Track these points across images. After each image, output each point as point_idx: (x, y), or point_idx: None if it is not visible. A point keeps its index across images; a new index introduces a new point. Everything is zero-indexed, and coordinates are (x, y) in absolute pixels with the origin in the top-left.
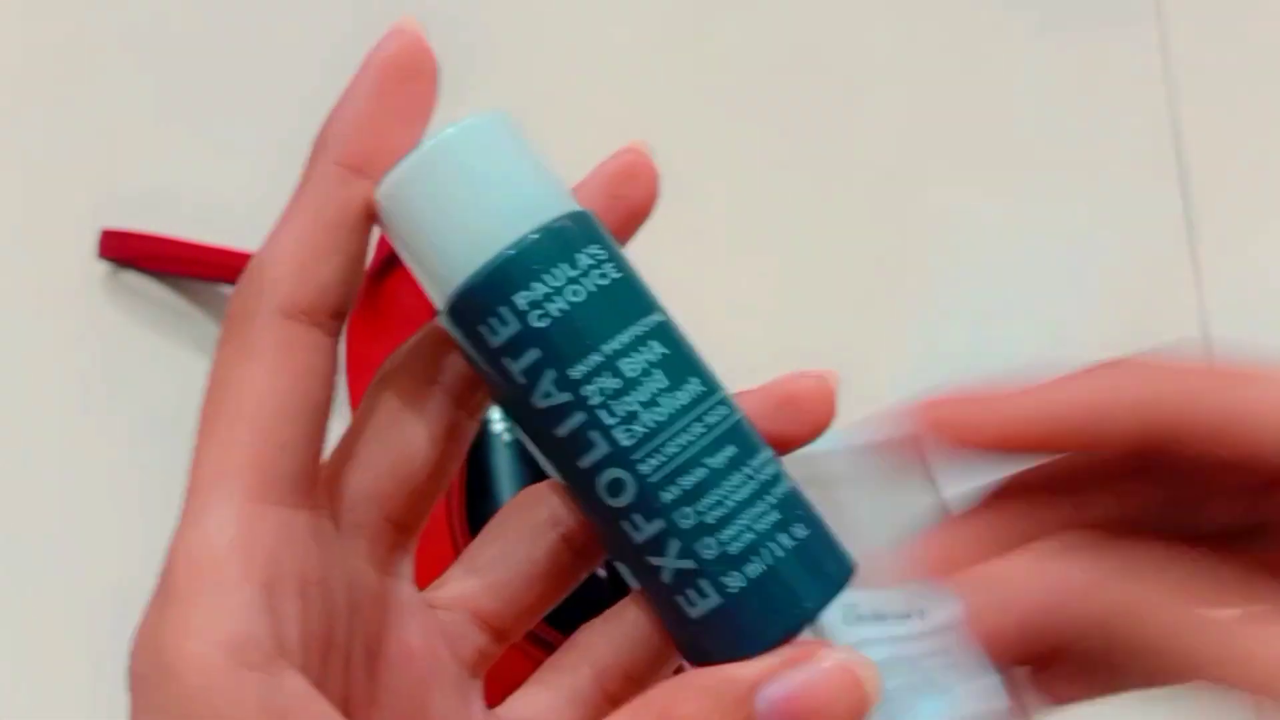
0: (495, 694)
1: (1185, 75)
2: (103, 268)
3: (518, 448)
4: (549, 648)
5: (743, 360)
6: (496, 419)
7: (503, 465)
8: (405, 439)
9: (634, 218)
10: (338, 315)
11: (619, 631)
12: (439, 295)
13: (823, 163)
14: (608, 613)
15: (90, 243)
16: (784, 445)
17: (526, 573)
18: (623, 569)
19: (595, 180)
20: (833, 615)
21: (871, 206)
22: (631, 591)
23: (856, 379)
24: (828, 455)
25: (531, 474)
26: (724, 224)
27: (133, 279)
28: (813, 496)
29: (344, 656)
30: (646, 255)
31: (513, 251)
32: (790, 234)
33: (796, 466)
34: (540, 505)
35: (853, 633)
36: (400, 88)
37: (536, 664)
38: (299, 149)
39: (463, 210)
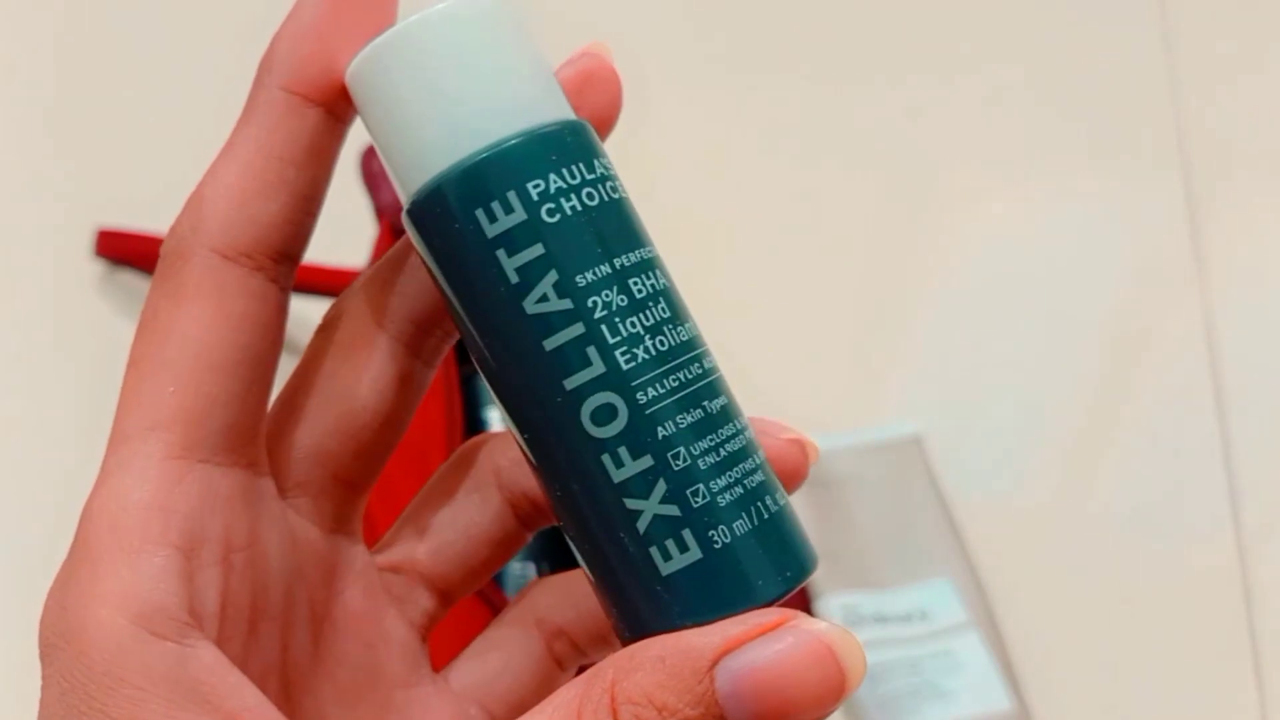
0: (450, 649)
1: (1189, 73)
2: (99, 266)
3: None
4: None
5: (747, 361)
6: (496, 419)
7: None
8: (350, 390)
9: (597, 128)
10: (284, 260)
11: (568, 589)
12: (413, 180)
13: (824, 162)
14: (566, 574)
15: (87, 241)
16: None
17: (473, 535)
18: (572, 527)
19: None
20: (833, 616)
21: (874, 207)
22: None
23: (858, 379)
24: (828, 455)
25: None
26: (722, 223)
27: (129, 278)
28: (813, 497)
29: (281, 624)
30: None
31: (536, 135)
32: (792, 234)
33: None
34: (483, 462)
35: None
36: (351, 5)
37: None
38: None
39: (477, 81)
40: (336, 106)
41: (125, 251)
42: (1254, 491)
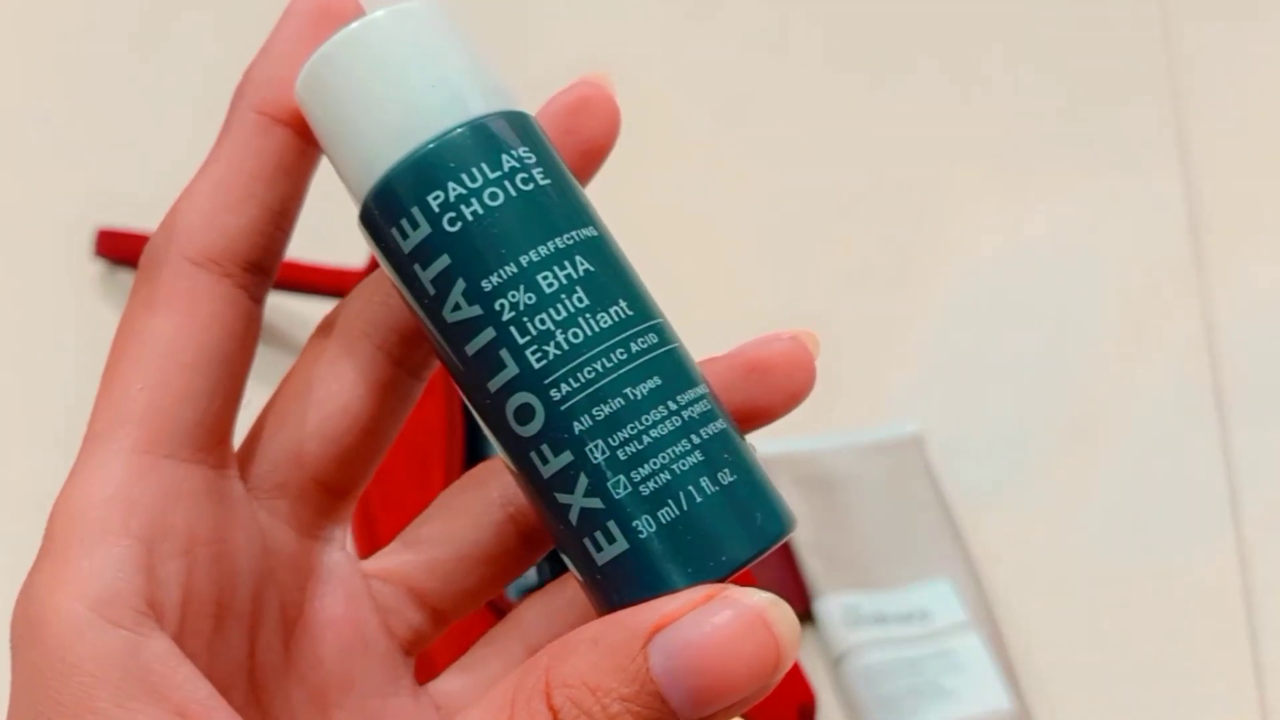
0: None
1: (1189, 72)
2: (99, 266)
3: None
4: None
5: None
6: None
7: None
8: (328, 397)
9: (590, 155)
10: (254, 269)
11: (555, 607)
12: (355, 197)
13: (825, 162)
14: (548, 587)
15: (86, 241)
16: (755, 418)
17: (469, 554)
18: (539, 515)
19: (547, 114)
20: (833, 616)
21: (874, 207)
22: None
23: (858, 379)
24: (828, 455)
25: None
26: (720, 223)
27: (129, 278)
28: (813, 497)
29: (249, 624)
30: (654, 248)
31: (429, 147)
32: (793, 233)
33: (796, 466)
34: (491, 482)
35: (854, 634)
36: (322, 32)
37: None
38: None
39: (379, 100)
40: (303, 127)
41: (125, 251)
42: (1254, 491)
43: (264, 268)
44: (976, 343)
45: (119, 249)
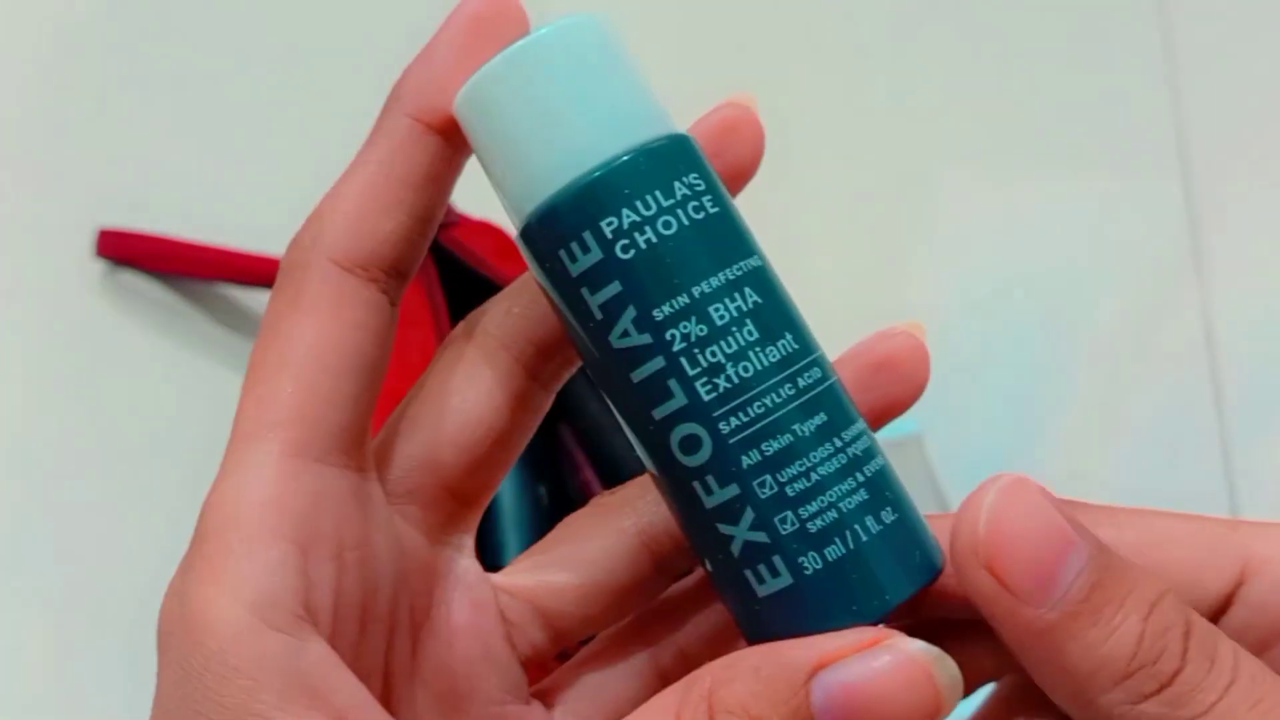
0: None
1: (1188, 72)
2: (100, 266)
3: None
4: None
5: None
6: None
7: None
8: (465, 405)
9: (736, 177)
10: (396, 274)
11: (679, 626)
12: (516, 213)
13: (825, 157)
14: (668, 607)
15: (88, 241)
16: (888, 413)
17: (603, 581)
18: (688, 542)
19: (694, 135)
20: None
21: (875, 201)
22: (689, 574)
23: None
24: None
25: (534, 475)
26: None
27: (130, 278)
28: None
29: (386, 627)
30: None
31: (603, 171)
32: (791, 233)
33: None
34: (624, 510)
35: None
36: (485, 42)
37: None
38: (297, 149)
39: (550, 121)
40: (455, 137)
41: (126, 251)
42: (1253, 490)
43: (405, 273)
44: (976, 342)
45: (120, 249)
